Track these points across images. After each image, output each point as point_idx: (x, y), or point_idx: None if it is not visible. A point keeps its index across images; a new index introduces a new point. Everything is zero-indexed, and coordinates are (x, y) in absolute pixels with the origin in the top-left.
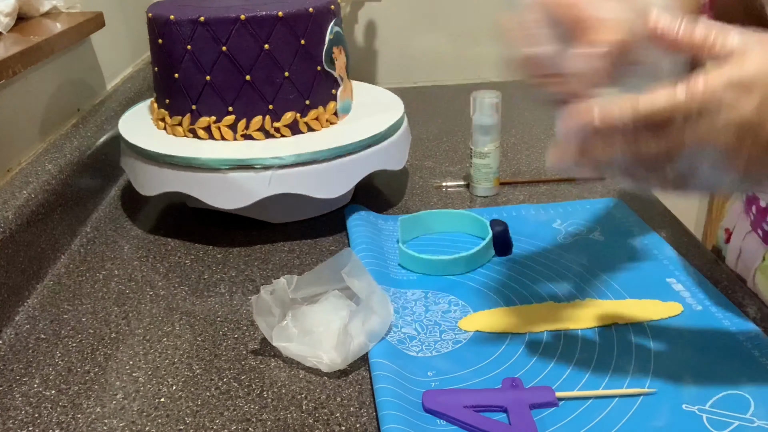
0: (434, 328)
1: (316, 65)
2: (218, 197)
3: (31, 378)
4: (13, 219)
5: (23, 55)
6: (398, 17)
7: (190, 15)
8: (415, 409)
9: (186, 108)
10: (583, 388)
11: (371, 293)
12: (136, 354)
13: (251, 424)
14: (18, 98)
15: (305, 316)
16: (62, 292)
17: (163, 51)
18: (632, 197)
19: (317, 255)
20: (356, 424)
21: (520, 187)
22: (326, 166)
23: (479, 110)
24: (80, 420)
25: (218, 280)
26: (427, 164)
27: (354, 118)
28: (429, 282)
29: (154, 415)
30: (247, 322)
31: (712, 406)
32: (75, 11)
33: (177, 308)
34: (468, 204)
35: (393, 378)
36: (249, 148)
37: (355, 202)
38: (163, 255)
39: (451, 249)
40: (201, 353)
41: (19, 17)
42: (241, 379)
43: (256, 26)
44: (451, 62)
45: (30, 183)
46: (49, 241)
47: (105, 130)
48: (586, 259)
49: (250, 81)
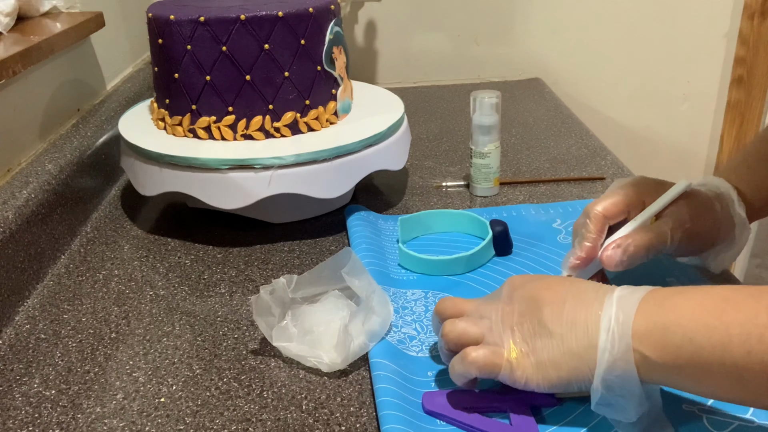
0: None
1: (316, 65)
2: (218, 197)
3: (31, 378)
4: (13, 219)
5: (23, 55)
6: (398, 17)
7: (190, 15)
8: (415, 409)
9: (186, 108)
10: None
11: (371, 293)
12: (136, 354)
13: (251, 424)
14: (18, 98)
15: (305, 315)
16: (62, 292)
17: (163, 51)
18: None
19: (317, 255)
20: (356, 424)
21: (520, 187)
22: (326, 166)
23: (479, 110)
24: (80, 420)
25: (218, 280)
26: (427, 164)
27: (354, 118)
28: (429, 282)
29: (154, 415)
30: (247, 322)
31: (712, 406)
32: (75, 11)
33: (177, 308)
34: (468, 204)
35: (393, 378)
36: (249, 148)
37: (355, 202)
38: (163, 255)
39: (451, 249)
40: (201, 353)
41: (19, 17)
42: (241, 379)
43: (256, 26)
44: (451, 62)
45: (30, 183)
46: (49, 241)
47: (105, 130)
48: None
49: (250, 81)
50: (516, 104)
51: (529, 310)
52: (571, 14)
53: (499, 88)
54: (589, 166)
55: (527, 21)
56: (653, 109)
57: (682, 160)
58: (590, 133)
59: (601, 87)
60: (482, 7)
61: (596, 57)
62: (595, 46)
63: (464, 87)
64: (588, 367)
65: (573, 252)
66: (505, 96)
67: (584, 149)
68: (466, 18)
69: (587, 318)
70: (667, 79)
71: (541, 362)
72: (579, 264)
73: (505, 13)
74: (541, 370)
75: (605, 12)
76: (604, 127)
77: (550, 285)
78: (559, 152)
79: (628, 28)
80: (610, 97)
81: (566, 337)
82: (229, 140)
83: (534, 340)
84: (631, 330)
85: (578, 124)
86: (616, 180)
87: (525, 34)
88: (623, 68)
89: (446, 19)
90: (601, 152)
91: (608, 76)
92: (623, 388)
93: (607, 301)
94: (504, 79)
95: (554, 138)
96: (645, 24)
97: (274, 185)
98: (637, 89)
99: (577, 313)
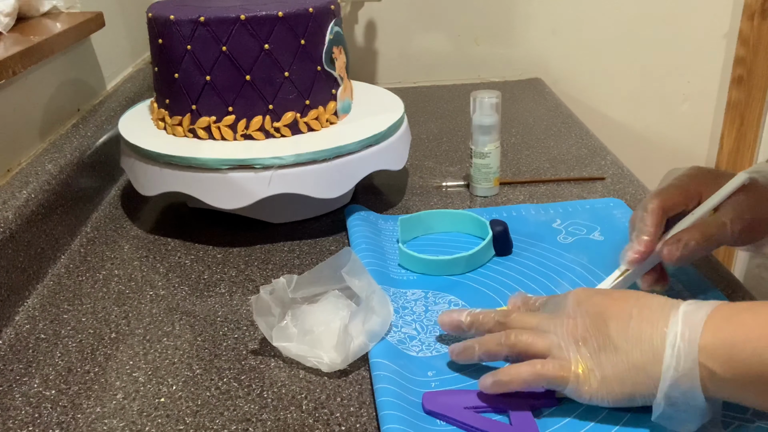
0: (434, 328)
1: (316, 65)
2: (218, 197)
3: (31, 378)
4: (13, 219)
5: (23, 55)
6: (398, 17)
7: (190, 15)
8: (416, 409)
9: (186, 108)
10: None
11: (371, 293)
12: (136, 354)
13: (251, 424)
14: (18, 98)
15: (305, 315)
16: (62, 292)
17: (163, 51)
18: (632, 197)
19: (317, 255)
20: (356, 424)
21: (520, 187)
22: (326, 166)
23: (479, 110)
24: (80, 420)
25: (218, 280)
26: (427, 164)
27: (354, 118)
28: (429, 282)
29: (154, 415)
30: (247, 322)
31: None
32: (75, 11)
33: (177, 308)
34: (468, 204)
35: (393, 378)
36: (249, 148)
37: (355, 202)
38: (163, 255)
39: (451, 249)
40: (201, 353)
41: (19, 17)
42: (241, 379)
43: (256, 26)
44: (451, 62)
45: (30, 183)
46: (49, 241)
47: (105, 130)
48: (586, 259)
49: (250, 81)
50: (516, 104)
51: (595, 324)
52: (571, 14)
53: (499, 88)
54: (589, 166)
55: (527, 21)
56: (653, 109)
57: (682, 160)
58: (590, 133)
59: (601, 87)
60: (482, 7)
61: (596, 57)
62: (595, 46)
63: (464, 87)
64: (652, 383)
65: (631, 246)
66: (505, 96)
67: (584, 149)
68: (466, 18)
69: (652, 334)
70: (667, 79)
71: (606, 377)
72: (638, 258)
73: (505, 13)
74: (606, 385)
75: (605, 12)
76: (604, 127)
77: (615, 300)
78: (559, 152)
79: (628, 28)
80: (610, 97)
81: (631, 353)
82: (229, 140)
83: (599, 354)
84: (698, 345)
85: (578, 124)
86: (669, 171)
87: (525, 34)
88: (623, 68)
89: (446, 19)
90: (601, 152)
91: (608, 76)
92: (687, 403)
93: (672, 317)
94: (504, 79)
95: (554, 138)
96: (645, 24)
97: (274, 185)
98: (637, 89)
99: (642, 328)
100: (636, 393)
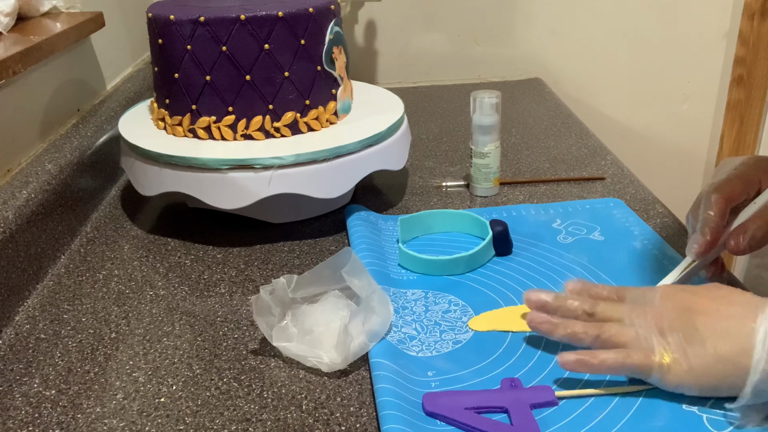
0: (434, 328)
1: (316, 65)
2: (218, 197)
3: (31, 378)
4: (13, 219)
5: (23, 55)
6: (398, 17)
7: (190, 15)
8: (415, 409)
9: (186, 108)
10: (583, 388)
11: (371, 293)
12: (136, 354)
13: (251, 424)
14: (18, 98)
15: (305, 315)
16: (62, 292)
17: (163, 51)
18: (632, 197)
19: (317, 255)
20: (356, 424)
21: (520, 187)
22: (326, 166)
23: (479, 110)
24: (80, 420)
25: (218, 280)
26: (427, 164)
27: (354, 118)
28: (429, 282)
29: (154, 415)
30: (247, 322)
31: (712, 406)
32: (75, 11)
33: (177, 308)
34: (468, 204)
35: (393, 378)
36: (249, 148)
37: (355, 202)
38: (163, 255)
39: (451, 249)
40: (201, 353)
41: (19, 17)
42: (241, 379)
43: (256, 26)
44: (451, 62)
45: (30, 183)
46: (49, 241)
47: (105, 130)
48: (586, 259)
49: (250, 81)
50: (516, 104)
51: (681, 318)
52: (571, 14)
53: (499, 88)
54: (589, 166)
55: (527, 21)
56: (653, 109)
57: (682, 160)
58: (590, 133)
59: (601, 87)
60: (482, 7)
61: (596, 57)
62: (595, 46)
63: (464, 87)
64: (740, 374)
65: (696, 238)
66: (505, 96)
67: (584, 149)
68: (466, 18)
69: (741, 328)
70: (667, 79)
71: (693, 367)
72: (704, 250)
73: (505, 13)
74: (693, 375)
75: (605, 12)
76: (604, 127)
77: (702, 296)
78: (559, 152)
79: (628, 28)
80: (610, 97)
81: (719, 346)
82: (229, 140)
83: (686, 346)
84: None
85: (578, 124)
86: (723, 161)
87: (525, 34)
88: (623, 68)
89: (446, 19)
90: (601, 152)
91: (608, 76)
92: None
93: (761, 314)
94: (504, 79)
95: (554, 138)
96: (645, 24)
97: (274, 185)
98: (637, 89)
99: (730, 323)
100: (723, 384)
